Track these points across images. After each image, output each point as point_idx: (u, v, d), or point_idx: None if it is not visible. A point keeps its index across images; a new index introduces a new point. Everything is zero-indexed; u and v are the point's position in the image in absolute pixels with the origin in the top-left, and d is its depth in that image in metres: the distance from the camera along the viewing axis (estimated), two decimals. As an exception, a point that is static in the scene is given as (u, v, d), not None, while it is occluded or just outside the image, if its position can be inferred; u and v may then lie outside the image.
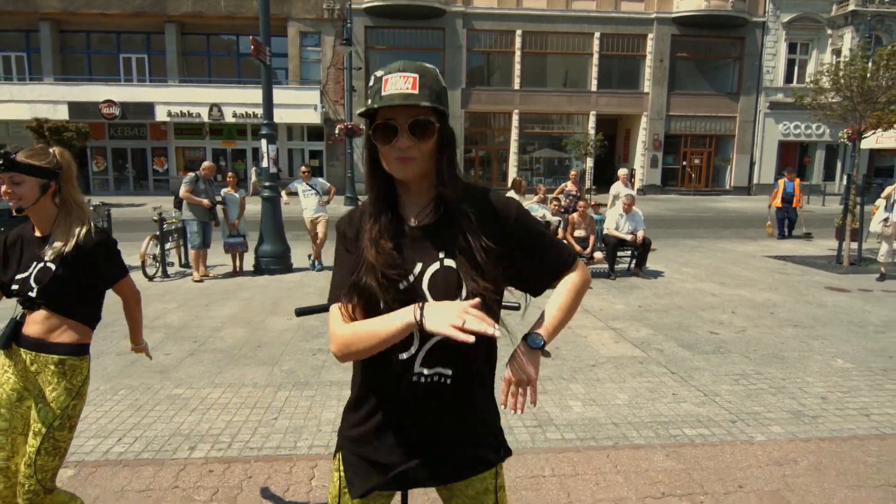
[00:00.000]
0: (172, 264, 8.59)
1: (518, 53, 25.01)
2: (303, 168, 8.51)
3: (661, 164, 26.34)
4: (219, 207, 8.01)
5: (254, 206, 8.64)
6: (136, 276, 7.69)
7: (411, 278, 1.27)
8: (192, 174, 7.78)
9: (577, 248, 8.06)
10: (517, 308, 1.81)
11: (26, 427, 2.03)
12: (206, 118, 22.94)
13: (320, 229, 8.44)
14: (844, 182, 10.84)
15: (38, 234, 2.07)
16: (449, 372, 1.30)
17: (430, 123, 1.24)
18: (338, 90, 24.22)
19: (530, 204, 9.01)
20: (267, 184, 8.37)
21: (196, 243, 7.72)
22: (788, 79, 26.34)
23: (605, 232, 8.56)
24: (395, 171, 1.27)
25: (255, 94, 22.80)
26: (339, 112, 24.01)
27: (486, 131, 26.79)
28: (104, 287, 2.15)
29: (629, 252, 8.54)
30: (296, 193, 8.54)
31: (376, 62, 24.57)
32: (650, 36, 25.34)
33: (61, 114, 21.76)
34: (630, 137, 27.17)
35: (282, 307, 6.45)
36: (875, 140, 13.93)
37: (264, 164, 8.38)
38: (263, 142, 8.27)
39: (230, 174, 8.28)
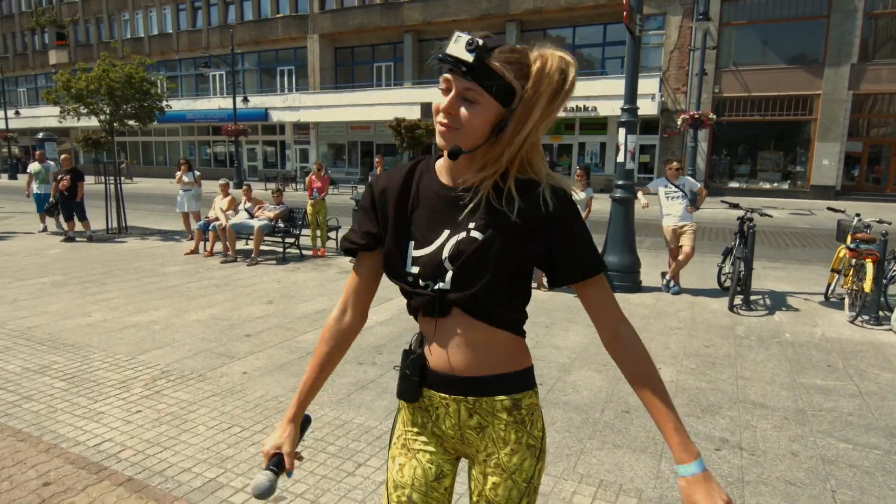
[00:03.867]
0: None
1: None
2: (674, 164, 6.73)
3: None
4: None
5: (602, 205, 7.30)
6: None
7: None
8: None
9: None
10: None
11: None
12: (537, 113, 22.95)
13: (685, 242, 6.61)
14: None
15: (445, 181, 1.23)
16: None
17: None
18: (680, 76, 21.55)
19: None
20: (620, 182, 6.90)
21: None
22: None
23: None
24: None
25: (588, 86, 21.85)
26: (680, 101, 21.34)
27: (885, 119, 20.66)
28: (561, 282, 1.22)
29: None
30: (655, 194, 6.87)
31: (731, 40, 21.04)
32: None
33: (415, 114, 24.31)
34: None
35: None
36: None
37: (620, 157, 6.93)
38: (622, 131, 6.82)
39: (578, 171, 7.07)
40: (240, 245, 9.18)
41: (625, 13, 6.19)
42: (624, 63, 22.89)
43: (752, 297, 6.40)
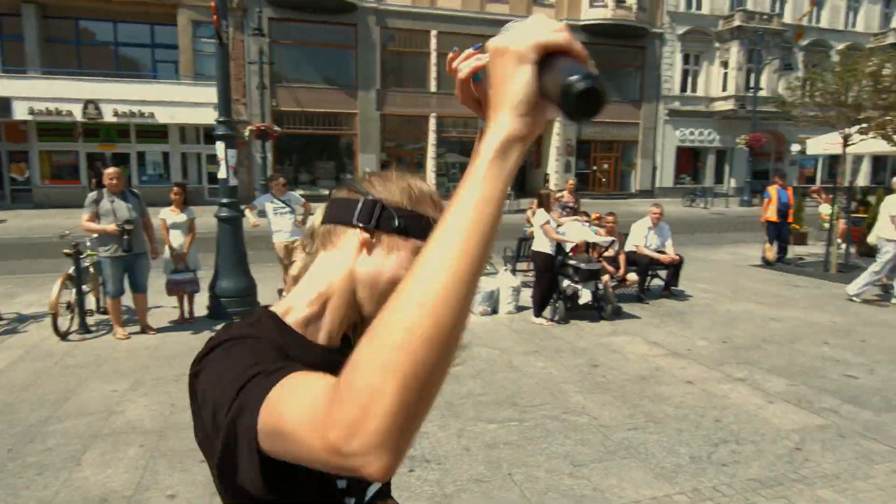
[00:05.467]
0: (91, 313, 6.31)
1: (434, 55, 23.86)
2: (280, 179, 6.59)
3: (574, 168, 26.54)
4: (170, 234, 5.96)
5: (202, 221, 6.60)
6: (46, 333, 5.49)
7: None
8: (91, 193, 5.57)
9: (611, 269, 7.03)
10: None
11: None
12: (79, 117, 19.19)
13: (298, 256, 6.61)
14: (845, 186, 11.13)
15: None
16: None
17: None
18: (238, 87, 21.53)
19: (579, 227, 7.35)
20: (225, 201, 6.40)
21: (110, 290, 5.56)
22: (683, 88, 27.88)
23: (631, 248, 7.71)
24: None
25: (140, 90, 19.67)
26: (241, 112, 21.36)
27: (402, 135, 25.41)
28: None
29: (653, 270, 7.75)
30: (265, 212, 6.64)
31: (282, 58, 22.22)
32: (564, 41, 25.42)
33: None
34: (542, 143, 27.07)
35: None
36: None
37: (221, 173, 6.41)
38: (220, 145, 6.31)
39: (175, 189, 6.15)
40: None
41: (214, 17, 5.74)
42: (179, 68, 21.55)
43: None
